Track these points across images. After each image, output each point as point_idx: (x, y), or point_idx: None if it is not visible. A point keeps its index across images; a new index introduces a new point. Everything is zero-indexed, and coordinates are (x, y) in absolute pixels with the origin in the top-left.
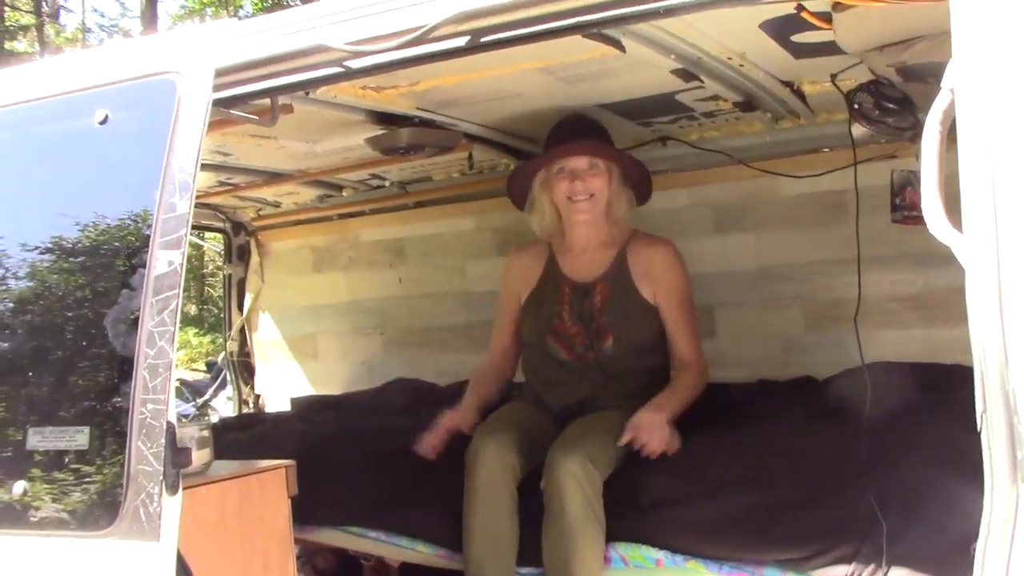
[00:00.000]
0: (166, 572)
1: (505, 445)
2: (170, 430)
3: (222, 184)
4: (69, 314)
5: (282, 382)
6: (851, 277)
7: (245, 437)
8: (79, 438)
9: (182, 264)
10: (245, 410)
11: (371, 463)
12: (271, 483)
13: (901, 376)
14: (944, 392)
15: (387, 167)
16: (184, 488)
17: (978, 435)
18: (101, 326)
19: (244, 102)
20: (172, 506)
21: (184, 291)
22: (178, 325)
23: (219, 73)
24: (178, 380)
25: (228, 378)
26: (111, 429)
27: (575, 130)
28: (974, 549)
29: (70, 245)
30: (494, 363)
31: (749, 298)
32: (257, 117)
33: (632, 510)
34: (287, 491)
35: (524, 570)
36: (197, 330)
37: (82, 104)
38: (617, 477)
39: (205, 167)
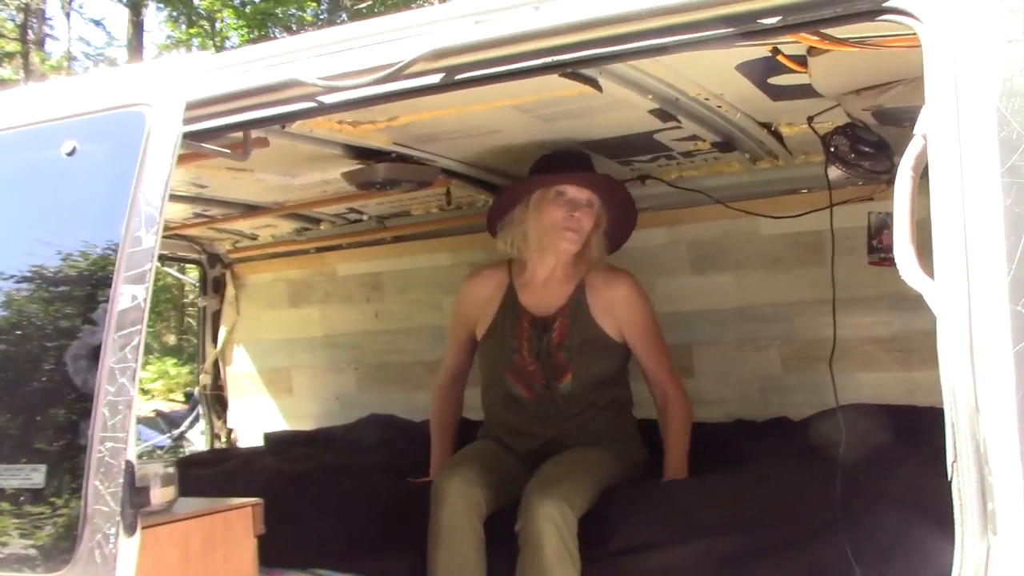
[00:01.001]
0: None
1: (470, 482)
2: (129, 469)
3: (198, 216)
4: (29, 348)
5: (255, 416)
6: (829, 318)
7: (215, 473)
8: (35, 476)
9: (146, 299)
10: (217, 444)
11: (342, 502)
12: (237, 522)
13: (876, 418)
14: (919, 435)
15: (365, 201)
16: (146, 527)
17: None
18: (62, 361)
19: (216, 135)
20: (129, 548)
21: (164, 321)
22: (141, 361)
23: (190, 106)
24: (155, 411)
25: (201, 411)
26: (69, 467)
27: (577, 163)
28: None
29: (33, 277)
30: (446, 386)
31: (727, 338)
32: (229, 151)
33: (605, 553)
34: (253, 530)
35: None
36: (176, 360)
37: (50, 135)
38: (590, 519)
39: (181, 199)
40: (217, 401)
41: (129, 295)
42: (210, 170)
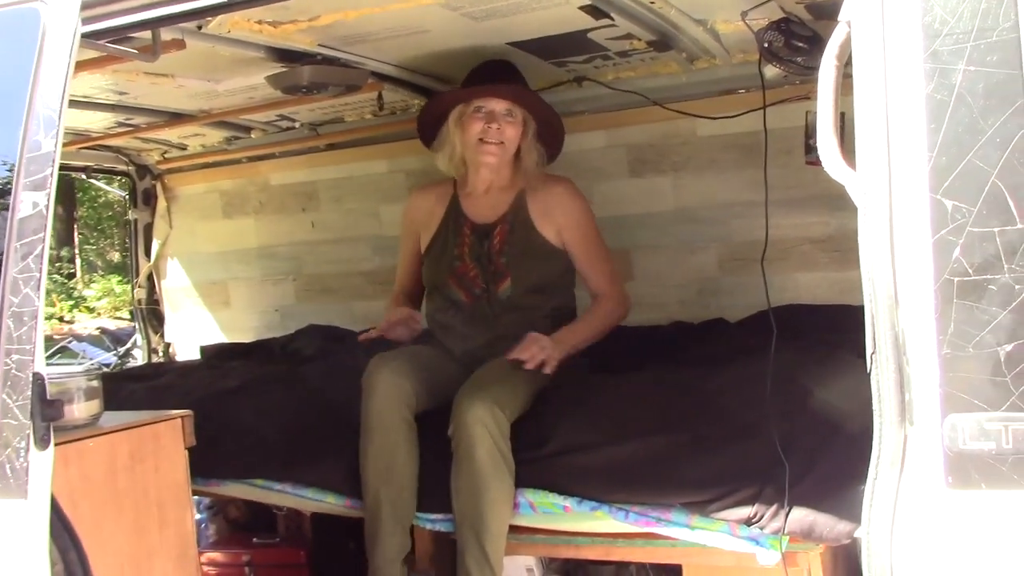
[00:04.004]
0: (36, 531)
1: (400, 373)
2: (38, 381)
3: (121, 125)
4: None
5: (193, 330)
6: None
7: (149, 387)
8: None
9: (48, 206)
10: (155, 359)
11: (277, 413)
12: (166, 434)
13: (810, 318)
14: (852, 334)
15: (295, 108)
16: (70, 441)
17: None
18: None
19: (122, 35)
20: (42, 461)
21: (108, 238)
22: (46, 271)
23: (88, 4)
24: (99, 329)
25: (138, 326)
26: None
27: (498, 73)
28: (862, 491)
29: None
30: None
31: (666, 241)
32: (136, 51)
33: (539, 456)
34: (184, 442)
35: (433, 516)
36: (121, 277)
37: None
38: (525, 422)
39: (100, 106)
40: (153, 315)
41: (30, 202)
42: (127, 75)
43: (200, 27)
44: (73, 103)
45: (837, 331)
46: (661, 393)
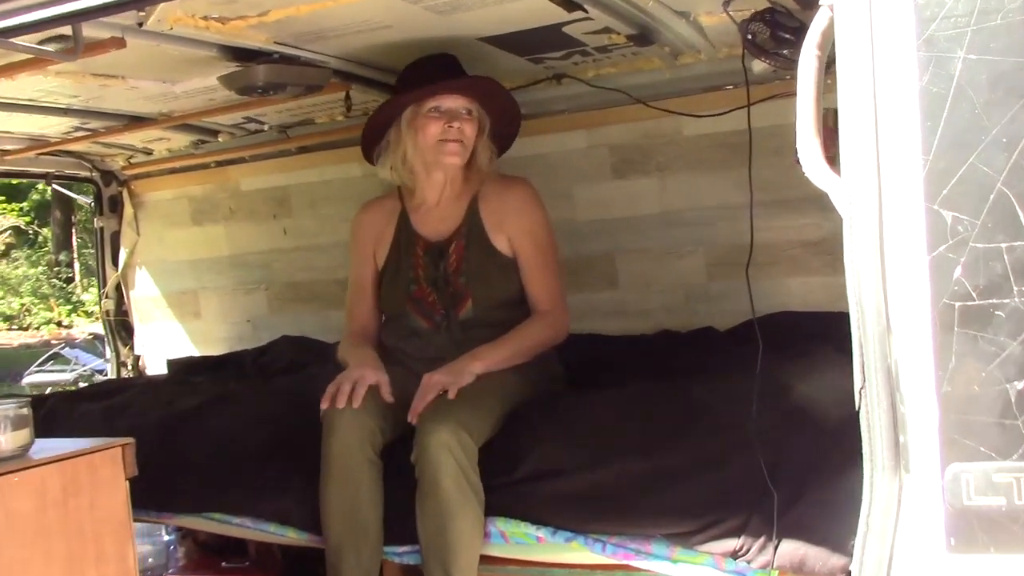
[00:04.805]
0: None
1: (362, 412)
2: None
3: (79, 129)
4: None
5: (164, 342)
6: (757, 222)
7: (104, 407)
8: None
9: None
10: (125, 372)
11: (237, 439)
12: (104, 465)
13: (802, 326)
14: (846, 342)
15: (261, 110)
16: None
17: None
18: None
19: (38, 32)
20: None
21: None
22: None
23: None
24: (91, 335)
25: (106, 339)
26: None
27: (447, 70)
28: (852, 547)
29: None
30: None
31: (651, 245)
32: (52, 51)
33: (510, 481)
34: (125, 473)
35: (400, 548)
36: None
37: None
38: (495, 444)
39: (53, 110)
40: (122, 327)
41: None
42: (72, 77)
43: (141, 24)
44: (23, 107)
45: (830, 340)
46: (641, 412)
